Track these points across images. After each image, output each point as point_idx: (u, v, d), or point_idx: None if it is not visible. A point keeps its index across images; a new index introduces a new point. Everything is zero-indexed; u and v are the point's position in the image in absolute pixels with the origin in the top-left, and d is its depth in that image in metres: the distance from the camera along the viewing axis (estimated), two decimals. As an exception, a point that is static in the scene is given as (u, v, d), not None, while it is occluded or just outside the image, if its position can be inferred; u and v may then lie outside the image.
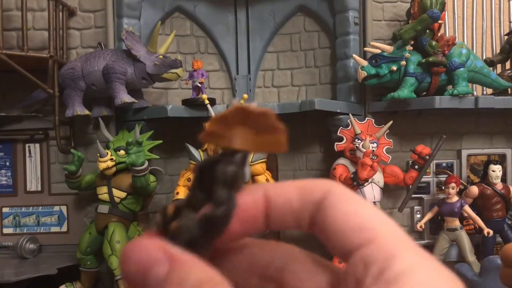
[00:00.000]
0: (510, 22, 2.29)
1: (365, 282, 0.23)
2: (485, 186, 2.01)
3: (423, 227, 2.02)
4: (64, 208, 2.10)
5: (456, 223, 1.98)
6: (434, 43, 1.90)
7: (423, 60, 1.90)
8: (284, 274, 0.28)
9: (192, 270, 0.23)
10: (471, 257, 1.94)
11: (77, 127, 2.05)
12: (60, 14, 1.91)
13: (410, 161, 2.01)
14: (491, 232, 1.94)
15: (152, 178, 1.83)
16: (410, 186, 1.98)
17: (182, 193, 1.78)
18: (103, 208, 1.83)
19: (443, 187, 2.04)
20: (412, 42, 1.91)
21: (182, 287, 0.23)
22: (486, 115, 2.14)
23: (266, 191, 0.28)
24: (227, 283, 0.23)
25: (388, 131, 1.94)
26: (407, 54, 1.89)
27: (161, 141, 1.91)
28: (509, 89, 2.15)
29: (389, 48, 1.91)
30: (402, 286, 0.22)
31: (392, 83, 1.94)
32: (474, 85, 2.15)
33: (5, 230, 2.10)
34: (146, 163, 1.75)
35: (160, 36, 1.96)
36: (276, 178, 2.01)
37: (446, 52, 1.90)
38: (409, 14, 1.98)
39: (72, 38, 2.02)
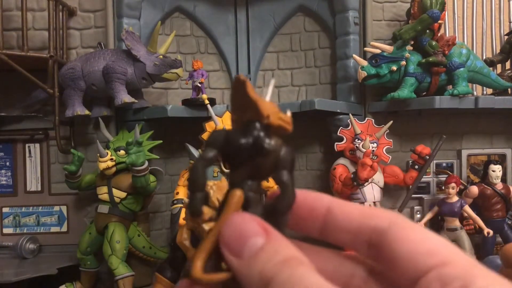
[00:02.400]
0: (510, 22, 2.29)
1: None
2: (485, 186, 2.01)
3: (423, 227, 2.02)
4: (64, 208, 2.10)
5: (456, 223, 1.97)
6: (434, 43, 1.89)
7: (423, 60, 1.90)
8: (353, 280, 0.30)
9: (283, 246, 0.26)
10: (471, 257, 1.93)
11: (77, 127, 2.05)
12: (60, 14, 1.91)
13: (410, 161, 2.01)
14: (491, 232, 1.94)
15: (152, 178, 1.83)
16: (410, 186, 1.98)
17: (182, 193, 1.78)
18: (103, 208, 1.83)
19: (443, 187, 2.04)
20: (412, 42, 1.91)
21: (273, 258, 0.25)
22: (486, 115, 2.14)
23: (330, 203, 0.30)
24: (309, 262, 0.26)
25: (388, 131, 1.94)
26: (407, 54, 1.88)
27: (161, 141, 1.91)
28: (509, 89, 2.15)
29: (389, 48, 1.91)
30: None
31: (392, 83, 1.94)
32: (474, 85, 2.15)
33: (5, 230, 2.10)
34: (146, 163, 1.75)
35: (160, 36, 1.96)
36: (276, 178, 2.01)
37: (446, 52, 1.90)
38: (409, 14, 1.98)
39: (72, 38, 2.02)
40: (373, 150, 1.86)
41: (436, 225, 2.07)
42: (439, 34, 1.94)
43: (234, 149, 0.28)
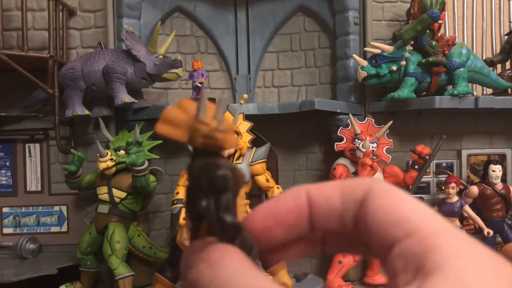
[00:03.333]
0: (510, 22, 2.29)
1: (405, 278, 0.22)
2: (485, 186, 2.01)
3: (423, 227, 2.02)
4: (64, 208, 2.10)
5: (456, 223, 1.97)
6: (434, 43, 1.89)
7: (423, 60, 1.90)
8: None
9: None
10: (471, 257, 1.93)
11: (77, 127, 2.05)
12: (60, 14, 1.91)
13: (410, 161, 2.01)
14: (491, 232, 1.94)
15: (152, 178, 1.83)
16: (410, 186, 1.98)
17: (182, 193, 1.78)
18: (103, 208, 1.83)
19: (443, 187, 2.04)
20: (412, 42, 1.91)
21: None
22: (486, 115, 2.14)
23: (308, 193, 0.27)
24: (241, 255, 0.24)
25: (388, 131, 1.94)
26: (407, 54, 1.88)
27: (161, 141, 1.91)
28: (509, 89, 2.15)
29: (389, 48, 1.91)
30: (439, 280, 0.21)
31: (392, 83, 1.94)
32: (474, 85, 2.15)
33: (5, 230, 2.10)
34: (146, 163, 1.75)
35: (160, 36, 1.96)
36: (276, 178, 2.01)
37: (446, 52, 1.90)
38: (409, 14, 1.98)
39: (72, 38, 2.02)
40: (373, 150, 1.86)
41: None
42: (439, 34, 1.94)
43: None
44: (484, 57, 2.23)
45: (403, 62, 1.88)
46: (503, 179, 2.07)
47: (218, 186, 0.24)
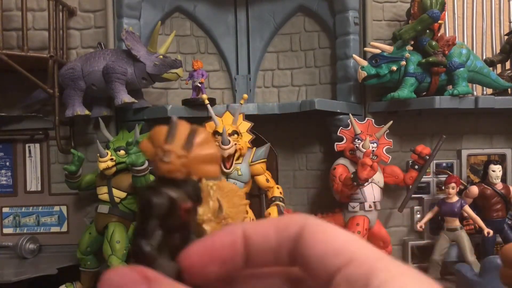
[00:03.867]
0: (510, 22, 2.29)
1: None
2: (485, 186, 2.01)
3: (423, 227, 2.02)
4: (64, 208, 2.10)
5: (456, 223, 1.97)
6: (434, 43, 1.89)
7: (423, 60, 1.90)
8: None
9: (167, 285, 0.25)
10: (471, 257, 1.93)
11: (77, 127, 2.05)
12: (60, 14, 1.91)
13: (410, 161, 2.01)
14: (491, 232, 1.94)
15: (152, 178, 1.83)
16: (410, 186, 1.98)
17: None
18: (103, 208, 1.83)
19: (443, 187, 2.04)
20: (412, 42, 1.91)
21: None
22: (486, 115, 2.14)
23: (244, 231, 0.29)
24: None
25: (388, 131, 1.94)
26: (407, 54, 1.88)
27: (161, 141, 1.91)
28: (509, 89, 2.15)
29: (389, 48, 1.91)
30: None
31: (392, 83, 1.94)
32: (474, 85, 2.15)
33: (5, 230, 2.10)
34: (146, 163, 1.75)
35: (160, 36, 1.96)
36: (276, 178, 2.01)
37: (446, 52, 1.90)
38: (409, 14, 1.98)
39: (72, 38, 2.02)
40: (373, 150, 1.86)
41: (436, 225, 2.07)
42: (439, 34, 1.94)
43: None
44: (484, 57, 2.23)
45: (403, 62, 1.88)
46: (503, 179, 2.07)
47: (144, 211, 0.24)
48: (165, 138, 0.24)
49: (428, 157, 1.93)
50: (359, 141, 1.87)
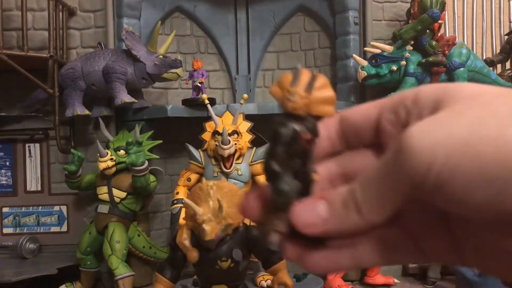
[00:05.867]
0: (510, 22, 2.29)
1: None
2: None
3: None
4: (64, 208, 2.10)
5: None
6: (434, 43, 1.90)
7: (423, 60, 1.90)
8: None
9: None
10: (471, 257, 1.93)
11: (77, 127, 2.05)
12: (60, 14, 1.91)
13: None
14: (491, 232, 1.94)
15: (152, 178, 1.83)
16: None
17: (182, 193, 1.78)
18: (103, 208, 1.83)
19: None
20: (412, 42, 1.91)
21: None
22: (486, 115, 2.14)
23: (341, 114, 0.30)
24: None
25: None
26: (407, 54, 1.89)
27: (161, 141, 1.91)
28: (509, 89, 2.15)
29: (389, 48, 1.91)
30: (469, 103, 0.21)
31: (392, 83, 1.94)
32: (474, 85, 2.15)
33: (5, 230, 2.10)
34: (146, 163, 1.75)
35: (160, 36, 1.96)
36: (276, 178, 2.01)
37: (446, 52, 1.90)
38: (409, 14, 1.98)
39: (72, 38, 2.02)
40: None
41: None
42: (439, 34, 1.94)
43: None
44: (484, 57, 2.23)
45: (403, 62, 1.88)
46: (503, 179, 2.07)
47: (274, 139, 0.28)
48: (291, 82, 0.28)
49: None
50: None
